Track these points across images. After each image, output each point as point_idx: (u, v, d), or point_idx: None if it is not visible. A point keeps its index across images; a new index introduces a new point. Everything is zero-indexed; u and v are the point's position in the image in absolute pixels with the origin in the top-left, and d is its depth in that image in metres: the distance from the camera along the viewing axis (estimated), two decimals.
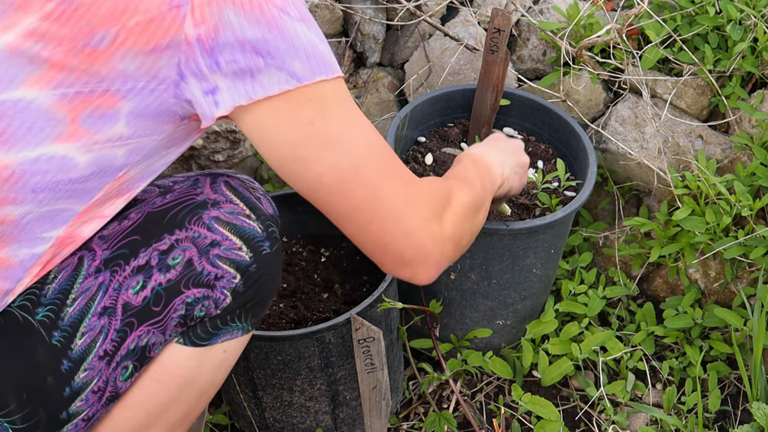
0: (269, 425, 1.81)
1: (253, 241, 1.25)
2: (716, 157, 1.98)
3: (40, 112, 1.12)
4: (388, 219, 1.21)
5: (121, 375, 1.25)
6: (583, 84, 2.04)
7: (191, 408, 1.34)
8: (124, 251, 1.23)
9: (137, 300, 1.22)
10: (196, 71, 1.12)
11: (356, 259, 1.95)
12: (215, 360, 1.30)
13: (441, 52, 2.11)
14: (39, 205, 1.16)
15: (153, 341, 1.25)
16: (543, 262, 1.86)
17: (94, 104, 1.13)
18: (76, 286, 1.22)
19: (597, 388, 1.92)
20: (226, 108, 1.14)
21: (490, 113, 1.92)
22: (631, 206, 2.14)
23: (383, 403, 1.77)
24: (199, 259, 1.23)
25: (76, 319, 1.21)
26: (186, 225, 1.24)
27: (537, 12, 2.10)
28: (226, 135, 2.04)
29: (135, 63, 1.11)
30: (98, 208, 1.22)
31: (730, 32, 1.91)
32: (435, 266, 1.26)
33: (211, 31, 1.10)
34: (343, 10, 2.14)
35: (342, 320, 1.62)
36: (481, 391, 1.98)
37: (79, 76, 1.12)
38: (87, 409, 1.24)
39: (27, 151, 1.13)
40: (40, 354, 1.20)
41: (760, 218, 1.92)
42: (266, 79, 1.13)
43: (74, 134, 1.14)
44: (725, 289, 1.99)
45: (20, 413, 1.19)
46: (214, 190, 1.27)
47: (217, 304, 1.25)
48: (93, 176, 1.17)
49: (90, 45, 1.10)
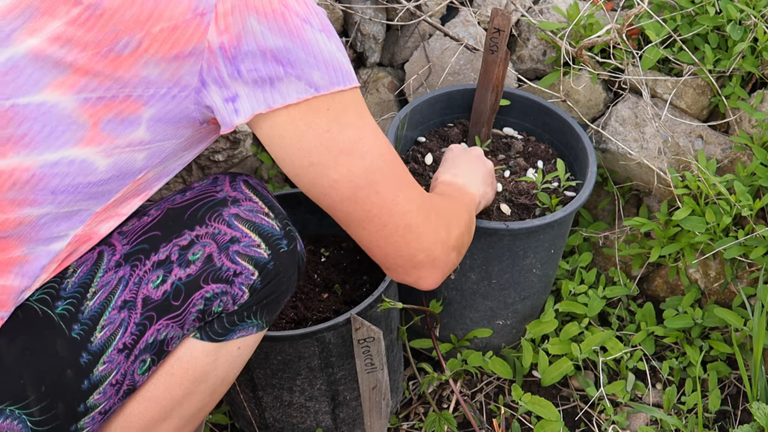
0: (269, 425, 1.81)
1: (271, 239, 1.28)
2: (716, 157, 1.98)
3: (62, 116, 1.14)
4: (402, 224, 1.26)
5: (139, 368, 1.26)
6: (583, 84, 2.05)
7: (204, 403, 1.36)
8: (145, 246, 1.26)
9: (157, 294, 1.24)
10: (217, 79, 1.15)
11: (356, 259, 1.95)
12: (230, 356, 1.32)
13: (441, 52, 2.11)
14: (58, 206, 1.18)
15: (171, 335, 1.27)
16: (543, 262, 1.86)
17: (116, 109, 1.15)
18: (96, 280, 1.24)
19: (597, 388, 1.92)
20: (246, 116, 1.16)
21: (490, 113, 1.92)
22: (631, 206, 2.14)
23: (383, 403, 1.77)
24: (219, 255, 1.25)
25: (96, 312, 1.23)
26: (206, 221, 1.26)
27: (537, 12, 2.10)
28: (226, 135, 2.04)
29: (158, 69, 1.13)
30: (115, 208, 1.24)
31: (730, 32, 1.91)
32: (441, 271, 1.32)
33: (233, 40, 1.13)
34: (343, 10, 2.14)
35: (342, 320, 1.62)
36: (481, 391, 1.98)
37: (102, 81, 1.13)
38: (104, 402, 1.25)
39: (48, 154, 1.15)
40: (59, 347, 1.21)
41: (760, 218, 1.92)
42: (285, 87, 1.15)
43: (95, 138, 1.16)
44: (725, 289, 1.99)
45: (38, 405, 1.20)
46: (234, 188, 1.30)
47: (234, 300, 1.27)
48: (112, 179, 1.20)
49: (114, 51, 1.12)
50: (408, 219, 1.26)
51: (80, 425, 1.24)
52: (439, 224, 1.31)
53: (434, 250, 1.30)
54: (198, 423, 1.40)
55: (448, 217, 1.35)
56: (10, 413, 1.18)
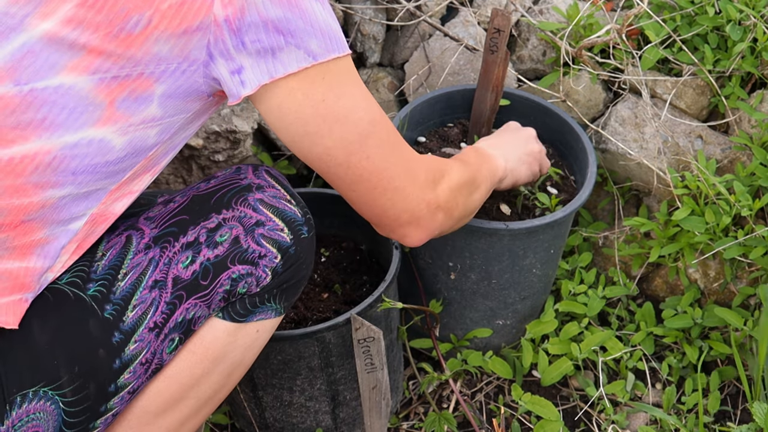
0: (269, 425, 1.81)
1: (293, 224, 1.33)
2: (716, 157, 1.99)
3: (79, 98, 1.17)
4: (390, 186, 1.31)
5: (168, 347, 1.30)
6: (582, 84, 2.05)
7: (220, 385, 1.38)
8: (173, 229, 1.30)
9: (187, 274, 1.28)
10: (223, 51, 1.18)
11: (356, 259, 1.95)
12: (248, 338, 1.36)
13: (441, 53, 2.12)
14: (78, 187, 1.21)
15: (198, 314, 1.30)
16: (543, 262, 1.86)
17: (130, 87, 1.18)
18: (127, 261, 1.27)
19: (597, 388, 1.93)
20: (252, 87, 1.20)
21: (490, 113, 1.92)
22: (630, 206, 2.14)
23: (383, 403, 1.77)
24: (245, 237, 1.30)
25: (128, 292, 1.26)
26: (233, 205, 1.31)
27: (537, 12, 2.11)
28: (226, 135, 2.04)
29: (168, 45, 1.16)
30: (128, 185, 1.27)
31: (730, 32, 1.91)
32: (425, 230, 1.38)
33: (237, 12, 1.15)
34: (343, 11, 2.14)
35: (342, 320, 1.63)
36: (481, 391, 1.98)
37: (116, 60, 1.16)
38: (134, 381, 1.28)
39: (68, 136, 1.18)
40: (92, 327, 1.24)
41: (760, 218, 1.92)
42: (286, 57, 1.19)
43: (111, 118, 1.19)
44: (725, 289, 1.99)
45: (71, 386, 1.22)
46: (257, 177, 1.35)
47: (258, 281, 1.32)
48: (128, 157, 1.23)
49: (125, 30, 1.14)
50: (396, 182, 1.31)
51: (110, 405, 1.27)
52: (426, 186, 1.35)
53: (419, 210, 1.35)
54: (213, 408, 1.42)
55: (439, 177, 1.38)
56: (43, 394, 1.21)
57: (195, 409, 1.38)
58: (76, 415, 1.24)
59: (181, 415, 1.37)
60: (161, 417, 1.35)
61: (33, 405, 1.20)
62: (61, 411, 1.22)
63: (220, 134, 2.04)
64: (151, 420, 1.35)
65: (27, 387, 1.20)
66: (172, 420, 1.36)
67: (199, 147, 2.04)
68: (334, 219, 1.94)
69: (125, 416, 1.33)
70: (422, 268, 1.89)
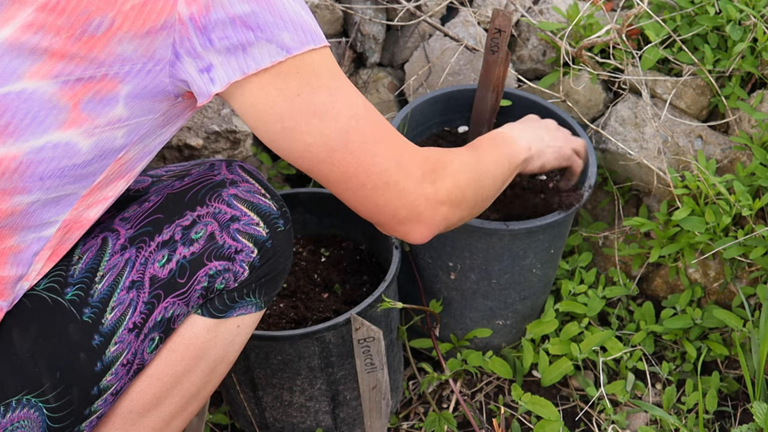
0: (269, 425, 1.81)
1: (269, 218, 1.31)
2: (716, 157, 1.99)
3: (43, 102, 1.15)
4: (380, 183, 1.28)
5: (148, 347, 1.29)
6: (582, 84, 2.05)
7: (204, 382, 1.38)
8: (148, 229, 1.29)
9: (163, 273, 1.27)
10: (190, 50, 1.16)
11: (356, 259, 1.95)
12: (229, 333, 1.35)
13: (441, 53, 2.12)
14: (46, 192, 1.19)
15: (177, 312, 1.29)
16: (543, 263, 1.86)
17: (94, 89, 1.16)
18: (103, 264, 1.26)
19: (597, 388, 1.93)
20: (222, 84, 1.18)
21: (491, 114, 1.92)
22: (630, 206, 2.14)
23: (383, 403, 1.77)
24: (221, 233, 1.29)
25: (106, 294, 1.25)
26: (207, 202, 1.29)
27: (537, 12, 2.11)
28: (226, 135, 2.04)
29: (132, 46, 1.14)
30: (101, 191, 1.25)
31: (730, 32, 1.91)
32: (428, 226, 1.34)
33: (202, 9, 1.14)
34: (343, 11, 2.14)
35: (342, 320, 1.63)
36: (481, 391, 1.98)
37: (79, 62, 1.14)
38: (116, 382, 1.28)
39: (33, 140, 1.16)
40: (71, 332, 1.23)
41: (760, 218, 1.92)
42: (257, 52, 1.17)
43: (76, 120, 1.17)
44: (725, 289, 1.99)
45: (54, 392, 1.22)
46: (231, 172, 1.33)
47: (236, 277, 1.30)
48: (95, 159, 1.21)
49: (87, 32, 1.13)
50: (386, 177, 1.27)
51: (93, 408, 1.26)
52: (424, 179, 1.31)
53: (418, 206, 1.31)
54: (198, 407, 1.41)
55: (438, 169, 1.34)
56: (27, 402, 1.20)
57: (179, 407, 1.37)
58: (61, 420, 1.23)
59: (165, 414, 1.36)
60: (145, 416, 1.34)
61: (17, 414, 1.20)
62: (45, 417, 1.22)
63: (220, 134, 2.04)
64: (136, 420, 1.34)
65: (10, 396, 1.19)
66: (157, 419, 1.36)
67: (199, 147, 2.04)
68: (334, 219, 1.95)
69: (110, 417, 1.33)
70: (422, 267, 1.89)
